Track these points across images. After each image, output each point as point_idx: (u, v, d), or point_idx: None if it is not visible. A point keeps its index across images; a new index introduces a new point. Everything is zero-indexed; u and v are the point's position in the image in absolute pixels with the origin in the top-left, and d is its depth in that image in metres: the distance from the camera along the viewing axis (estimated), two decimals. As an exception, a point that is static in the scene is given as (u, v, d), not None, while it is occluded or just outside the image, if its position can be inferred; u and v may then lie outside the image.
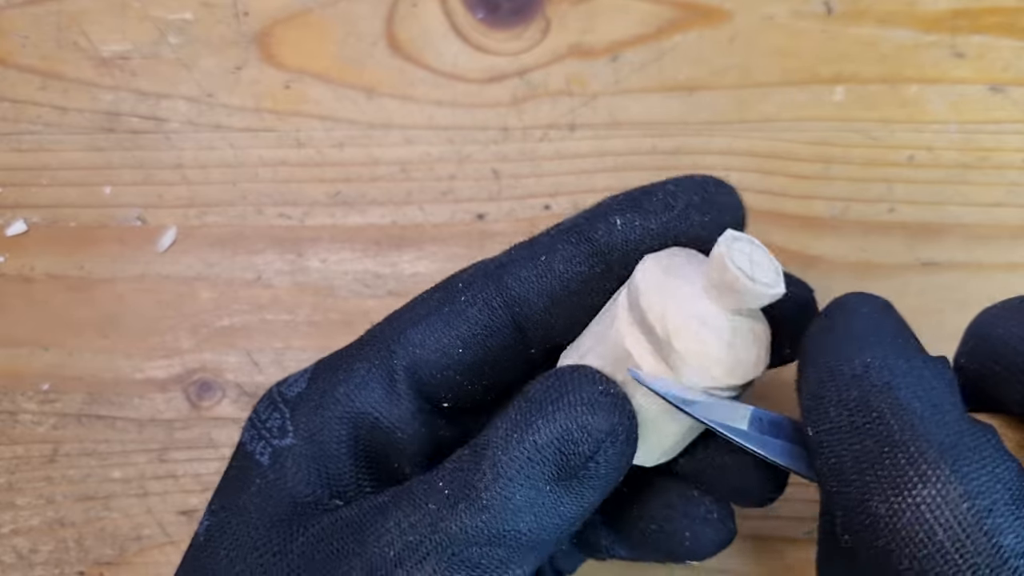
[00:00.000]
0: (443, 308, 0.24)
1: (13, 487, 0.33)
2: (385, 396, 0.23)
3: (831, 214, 0.32)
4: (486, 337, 0.23)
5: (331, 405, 0.23)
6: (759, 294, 0.20)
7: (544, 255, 0.23)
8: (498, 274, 0.23)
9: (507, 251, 0.24)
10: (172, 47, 0.33)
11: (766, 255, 0.21)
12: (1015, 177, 0.31)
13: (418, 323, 0.23)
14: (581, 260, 0.23)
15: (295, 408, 0.23)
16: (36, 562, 0.33)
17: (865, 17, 0.31)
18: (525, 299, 0.23)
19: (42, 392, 0.34)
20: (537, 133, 0.32)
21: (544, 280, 0.23)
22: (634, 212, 0.23)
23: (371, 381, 0.23)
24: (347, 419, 0.23)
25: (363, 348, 0.24)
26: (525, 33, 0.32)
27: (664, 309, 0.21)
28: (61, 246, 0.34)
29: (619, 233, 0.23)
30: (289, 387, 0.24)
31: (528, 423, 0.20)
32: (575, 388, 0.20)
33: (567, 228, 0.24)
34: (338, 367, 0.24)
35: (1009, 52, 0.31)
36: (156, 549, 0.33)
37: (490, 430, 0.21)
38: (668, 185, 0.23)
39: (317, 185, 0.33)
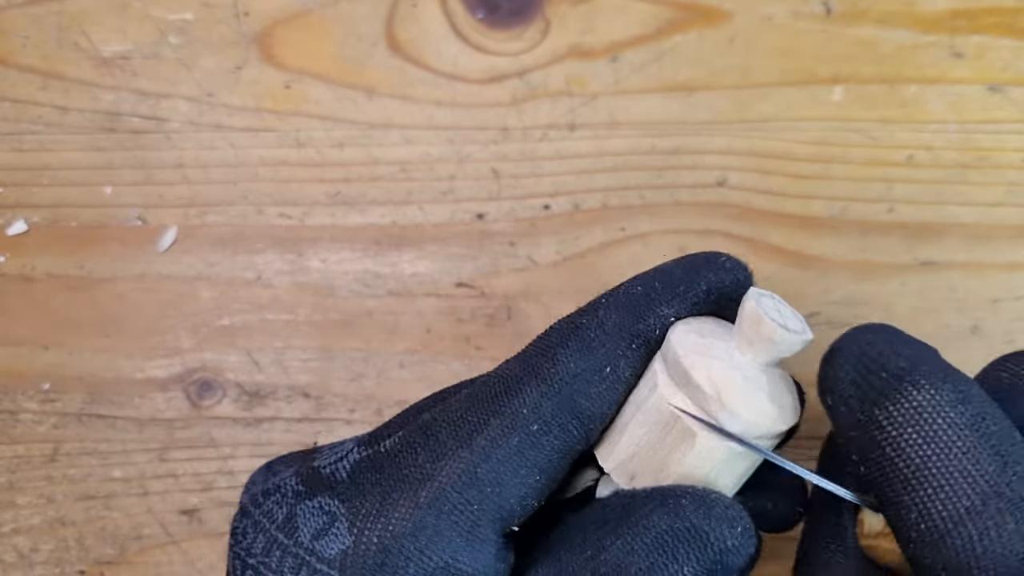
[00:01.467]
0: (511, 439, 0.22)
1: (14, 486, 0.34)
2: (467, 544, 0.21)
3: (830, 214, 0.32)
4: (563, 460, 0.23)
5: (401, 564, 0.21)
6: (793, 342, 0.22)
7: (608, 367, 0.23)
8: (567, 394, 0.22)
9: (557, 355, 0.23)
10: (173, 47, 0.33)
11: (788, 306, 0.23)
12: (1014, 177, 0.31)
13: (487, 458, 0.22)
14: (642, 362, 0.23)
15: (344, 568, 0.21)
16: (37, 561, 0.33)
17: (864, 17, 0.31)
18: (598, 414, 0.23)
19: (43, 391, 0.34)
20: (537, 133, 0.32)
21: (614, 391, 0.23)
22: (683, 305, 0.23)
23: (446, 530, 0.21)
24: (422, 575, 0.21)
25: (419, 488, 0.21)
26: (525, 33, 0.32)
27: (709, 367, 0.22)
28: (62, 246, 0.34)
29: (670, 325, 0.23)
30: (316, 540, 0.21)
31: (675, 571, 0.20)
32: (722, 535, 0.21)
33: (621, 328, 0.23)
34: (390, 513, 0.21)
35: (1008, 52, 0.31)
36: (157, 548, 0.33)
37: (623, 565, 0.20)
38: (708, 274, 0.23)
39: (317, 185, 0.33)
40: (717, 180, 0.32)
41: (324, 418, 0.33)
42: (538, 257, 0.33)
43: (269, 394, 0.33)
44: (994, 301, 0.31)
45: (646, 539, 0.21)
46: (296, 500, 0.22)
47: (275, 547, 0.22)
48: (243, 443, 0.33)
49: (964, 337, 0.31)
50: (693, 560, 0.20)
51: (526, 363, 0.23)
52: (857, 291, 0.32)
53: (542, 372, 0.22)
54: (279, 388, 0.33)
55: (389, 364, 0.33)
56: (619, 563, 0.21)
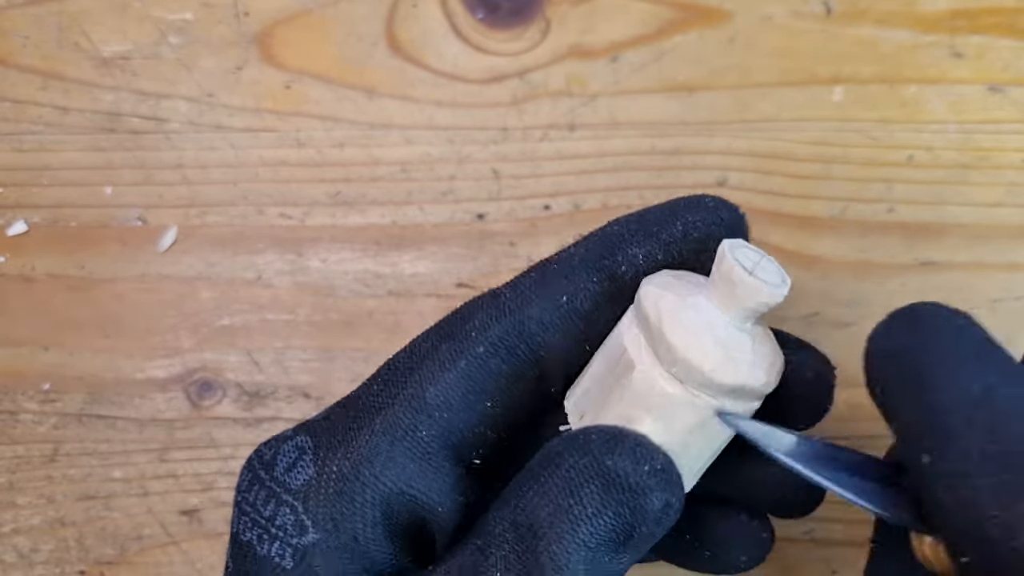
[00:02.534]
0: (458, 362, 0.22)
1: (14, 486, 0.34)
2: (419, 470, 0.21)
3: (830, 214, 0.32)
4: (511, 386, 0.22)
5: (357, 490, 0.21)
6: (756, 289, 0.20)
7: (566, 295, 0.22)
8: (518, 318, 0.22)
9: (513, 285, 0.23)
10: (173, 47, 0.33)
11: (773, 264, 0.21)
12: (1014, 177, 0.31)
13: (435, 381, 0.22)
14: (606, 298, 0.22)
15: (307, 499, 0.21)
16: (37, 561, 0.33)
17: (864, 17, 0.31)
18: (550, 342, 0.22)
19: (43, 392, 0.34)
20: (537, 133, 0.32)
21: (569, 321, 0.22)
22: (654, 244, 0.22)
23: (399, 456, 0.21)
24: (378, 501, 0.21)
25: (375, 417, 0.22)
26: (525, 33, 0.32)
27: (659, 299, 0.21)
28: (62, 246, 0.34)
29: (642, 266, 0.22)
30: (288, 472, 0.22)
31: (580, 512, 0.19)
32: (628, 472, 0.19)
33: (586, 262, 0.22)
34: (349, 443, 0.21)
35: (1008, 52, 0.31)
36: (157, 549, 0.33)
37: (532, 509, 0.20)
38: (685, 214, 0.22)
39: (317, 185, 0.33)
40: (717, 180, 0.32)
41: (324, 418, 0.33)
42: (538, 257, 0.32)
43: (269, 394, 0.33)
44: (994, 301, 0.32)
45: (555, 480, 0.20)
46: (281, 441, 0.23)
47: (256, 483, 0.22)
48: (243, 443, 0.33)
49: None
50: (597, 499, 0.19)
51: (490, 293, 0.23)
52: (857, 291, 0.32)
53: (497, 298, 0.22)
54: (279, 388, 0.33)
55: (389, 364, 0.33)
56: (532, 508, 0.20)
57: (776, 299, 0.21)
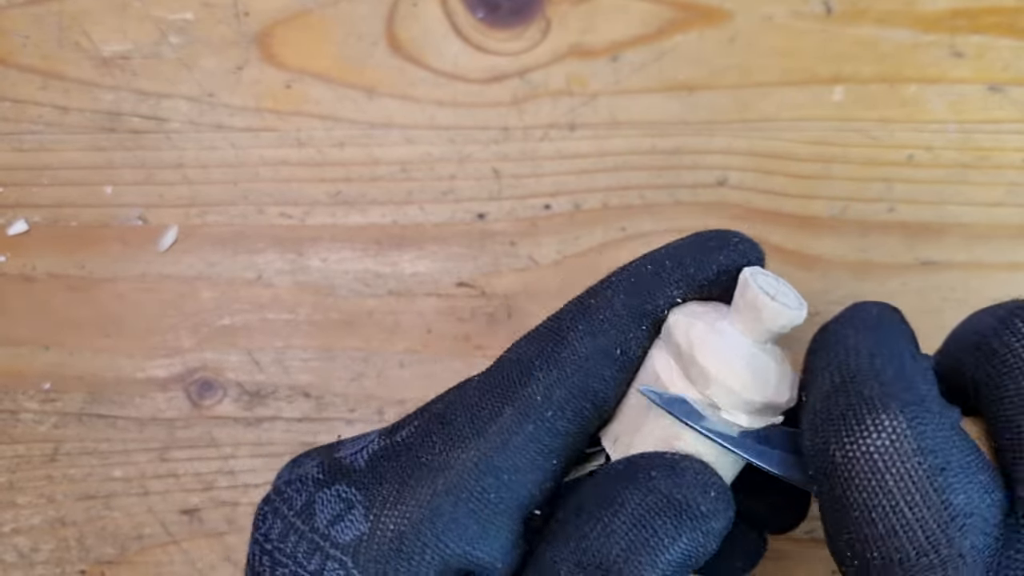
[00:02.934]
0: (526, 425, 0.22)
1: (14, 486, 0.34)
2: (484, 532, 0.21)
3: (830, 214, 0.32)
4: (577, 444, 0.22)
5: (417, 550, 0.21)
6: (779, 313, 0.21)
7: (619, 348, 0.22)
8: (582, 379, 0.22)
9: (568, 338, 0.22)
10: (173, 47, 0.33)
11: (790, 288, 0.22)
12: (1014, 177, 0.31)
13: (503, 446, 0.21)
14: (650, 341, 0.23)
15: (357, 554, 0.21)
16: (37, 561, 0.33)
17: (864, 17, 0.31)
18: (611, 396, 0.22)
19: (43, 391, 0.34)
20: (537, 133, 0.32)
21: (623, 373, 0.23)
22: (691, 286, 0.23)
23: (462, 517, 0.21)
24: (436, 562, 0.21)
25: (437, 476, 0.21)
26: (525, 33, 0.32)
27: (689, 326, 0.22)
28: (62, 246, 0.34)
29: (679, 306, 0.23)
30: (332, 526, 0.21)
31: (656, 545, 0.20)
32: (695, 501, 0.20)
33: (631, 309, 0.23)
34: (407, 500, 0.21)
35: (1008, 52, 0.31)
36: (157, 548, 0.33)
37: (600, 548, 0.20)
38: (718, 256, 0.23)
39: (318, 185, 0.33)
40: (717, 180, 0.32)
41: (324, 418, 0.33)
42: (539, 257, 0.33)
43: (270, 394, 0.33)
44: (995, 301, 0.31)
45: (622, 518, 0.20)
46: (315, 488, 0.22)
47: (291, 532, 0.21)
48: (244, 443, 0.33)
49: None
50: (672, 530, 0.20)
51: (537, 346, 0.23)
52: (857, 291, 0.32)
53: (553, 356, 0.22)
54: (280, 388, 0.33)
55: (389, 364, 0.33)
56: (600, 548, 0.20)
57: (797, 321, 0.22)
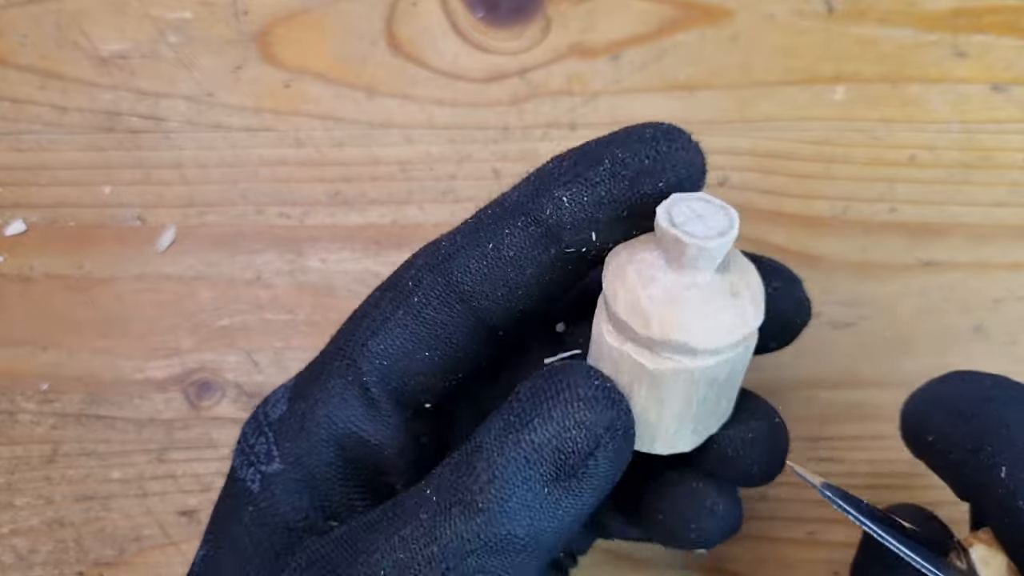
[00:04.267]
0: (397, 312, 0.22)
1: (12, 487, 0.33)
2: (365, 413, 0.22)
3: (832, 213, 0.32)
4: (448, 335, 0.22)
5: (314, 428, 0.22)
6: (708, 248, 0.19)
7: (491, 242, 0.22)
8: (446, 267, 0.22)
9: (450, 235, 0.23)
10: (172, 46, 0.33)
11: (717, 207, 0.20)
12: (1016, 177, 0.31)
13: (376, 332, 0.22)
14: (531, 243, 0.22)
15: (279, 431, 0.23)
16: (35, 562, 0.33)
17: (866, 16, 0.31)
18: (479, 291, 0.22)
19: (41, 392, 0.34)
20: (537, 132, 0.32)
21: (495, 269, 0.22)
22: (580, 186, 0.21)
23: (348, 399, 0.22)
24: (332, 440, 0.22)
25: (331, 363, 0.23)
26: (525, 32, 0.32)
27: (627, 302, 0.20)
28: (60, 246, 0.34)
29: (567, 210, 0.21)
30: (272, 408, 0.23)
31: (523, 423, 0.19)
32: (570, 384, 0.20)
33: (511, 208, 0.22)
34: (311, 386, 0.23)
35: (1011, 51, 0.31)
36: (156, 549, 0.33)
37: (481, 432, 0.20)
38: (615, 149, 0.22)
39: (317, 185, 0.33)
40: (719, 180, 0.32)
41: (324, 419, 0.33)
42: (539, 257, 0.33)
43: (269, 395, 0.33)
44: (996, 301, 0.31)
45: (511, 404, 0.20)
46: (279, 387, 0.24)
47: (254, 419, 0.23)
48: (242, 444, 0.33)
49: (966, 337, 0.31)
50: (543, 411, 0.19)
51: (432, 242, 0.23)
52: (859, 291, 0.32)
53: (434, 246, 0.23)
54: (279, 388, 0.33)
55: (389, 364, 0.33)
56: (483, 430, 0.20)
57: (724, 247, 0.20)
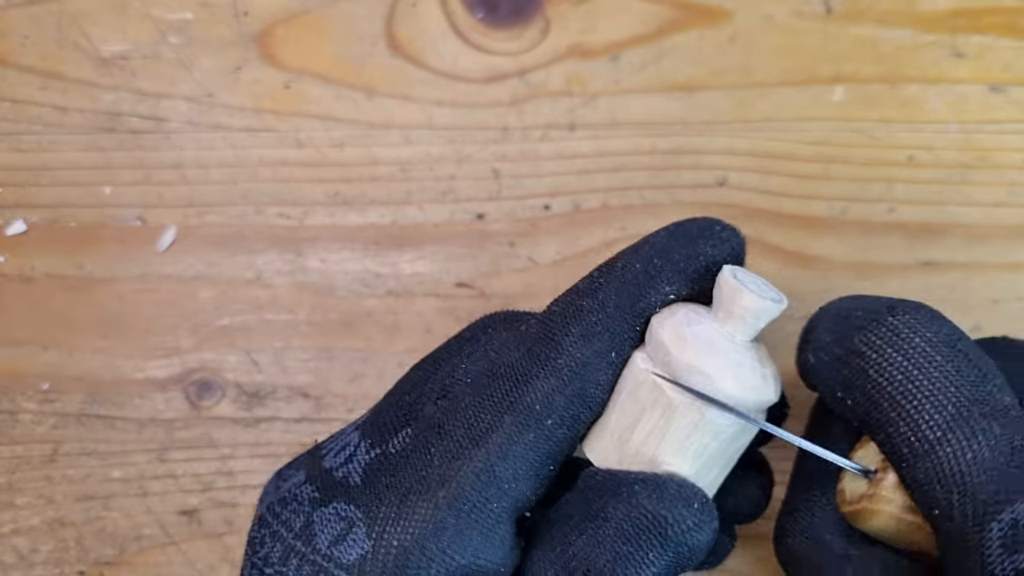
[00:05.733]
0: (526, 434, 0.22)
1: (13, 487, 0.33)
2: (488, 541, 0.22)
3: (831, 214, 0.32)
4: (572, 446, 0.23)
5: (423, 565, 0.21)
6: (758, 306, 0.22)
7: (613, 351, 0.22)
8: (579, 386, 0.22)
9: (565, 343, 0.22)
10: (172, 47, 0.33)
11: (769, 284, 0.23)
12: (1015, 177, 0.31)
13: (504, 456, 0.22)
14: (640, 338, 0.23)
15: (363, 573, 0.21)
16: (36, 562, 0.33)
17: (865, 17, 0.31)
18: (605, 400, 0.23)
19: (42, 392, 0.34)
20: (537, 133, 0.32)
21: (616, 371, 0.23)
22: (682, 282, 0.23)
23: (466, 529, 0.21)
24: (445, 574, 0.21)
25: (438, 489, 0.21)
26: (525, 33, 0.32)
27: (672, 327, 0.22)
28: (61, 246, 0.34)
29: (670, 303, 0.23)
30: (335, 546, 0.21)
31: (641, 559, 0.20)
32: (679, 517, 0.21)
33: (622, 310, 0.23)
34: (410, 515, 0.21)
35: (1009, 52, 0.31)
36: (156, 549, 0.33)
37: (587, 557, 0.21)
38: (704, 247, 0.23)
39: (317, 185, 0.33)
40: (717, 180, 0.32)
41: (324, 418, 0.33)
42: (538, 257, 0.33)
43: (269, 394, 0.33)
44: (995, 301, 0.31)
45: (607, 531, 0.21)
46: (312, 507, 0.22)
47: (292, 555, 0.21)
48: (242, 443, 0.33)
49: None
50: (656, 545, 0.21)
51: (531, 352, 0.23)
52: (858, 291, 0.31)
53: (550, 363, 0.22)
54: (279, 388, 0.33)
55: (389, 364, 0.33)
56: (586, 557, 0.21)
57: (775, 313, 0.22)
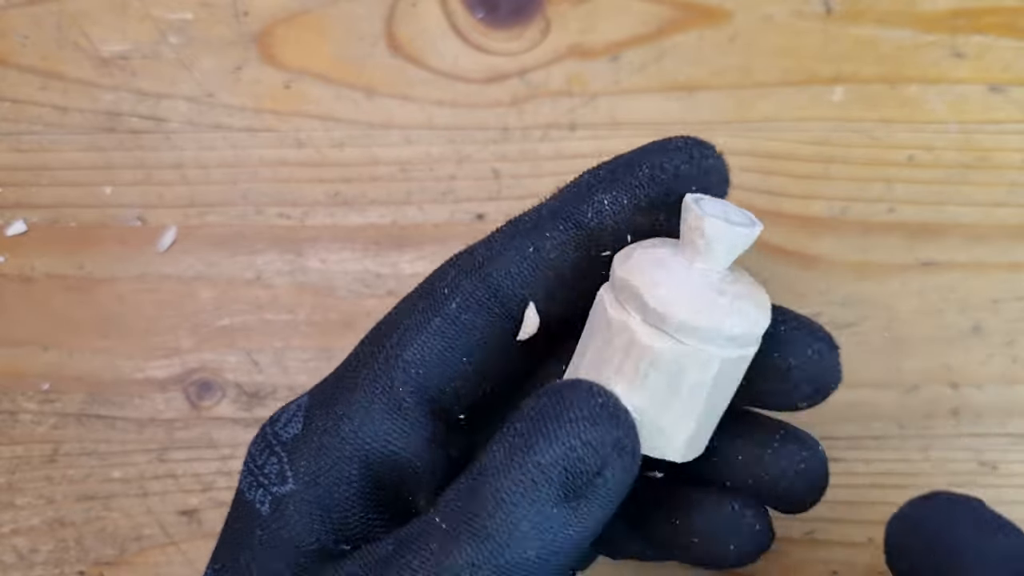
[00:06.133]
0: (433, 319, 0.22)
1: (13, 487, 0.33)
2: (396, 427, 0.22)
3: (831, 214, 0.32)
4: (486, 339, 0.22)
5: (336, 445, 0.21)
6: (723, 231, 0.20)
7: (532, 245, 0.22)
8: (485, 272, 0.22)
9: (484, 242, 0.23)
10: (172, 47, 0.33)
11: (739, 209, 0.21)
12: (1015, 177, 0.31)
13: (411, 341, 0.22)
14: (573, 246, 0.22)
15: (293, 451, 0.22)
16: (36, 562, 0.33)
17: (865, 17, 0.31)
18: (519, 294, 0.22)
19: (42, 392, 0.34)
20: (537, 133, 0.32)
21: (536, 270, 0.22)
22: (620, 190, 0.22)
23: (377, 412, 0.21)
24: (356, 458, 0.21)
25: (357, 376, 0.22)
26: (525, 33, 0.32)
27: (629, 259, 0.21)
28: (61, 246, 0.34)
29: (608, 213, 0.22)
30: (284, 427, 0.22)
31: (529, 444, 0.19)
32: (574, 403, 0.19)
33: (552, 212, 0.22)
34: (334, 401, 0.22)
35: (1009, 52, 0.31)
36: (156, 549, 0.33)
37: (486, 455, 0.19)
38: (653, 155, 0.22)
39: (317, 185, 0.33)
40: (717, 180, 0.32)
41: (324, 418, 0.33)
42: (538, 257, 0.33)
43: (269, 394, 0.33)
44: (995, 301, 0.31)
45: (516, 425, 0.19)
46: (291, 406, 0.23)
47: (261, 439, 0.23)
48: (243, 443, 0.33)
49: (965, 337, 0.31)
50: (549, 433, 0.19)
51: (465, 249, 0.23)
52: (858, 291, 0.32)
53: (470, 252, 0.23)
54: (279, 388, 0.33)
55: (389, 364, 0.33)
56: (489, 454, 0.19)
57: (747, 240, 0.21)
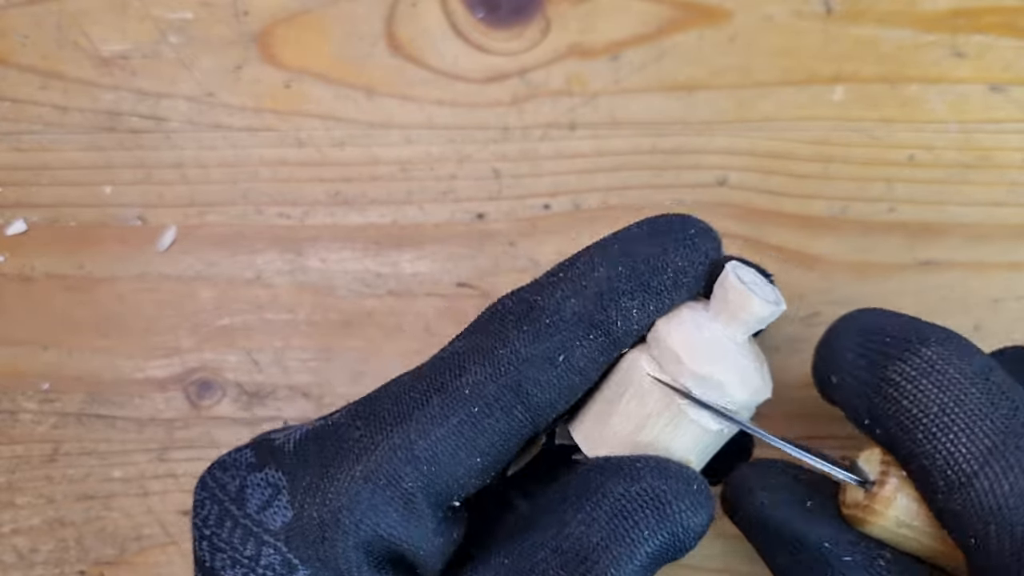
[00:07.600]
0: (450, 419, 0.22)
1: (13, 486, 0.33)
2: (402, 518, 0.21)
3: (831, 214, 0.32)
4: (504, 443, 0.22)
5: (339, 537, 0.21)
6: (759, 307, 0.22)
7: (562, 355, 0.22)
8: (515, 379, 0.22)
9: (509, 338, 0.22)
10: (172, 46, 0.33)
11: (768, 283, 0.23)
12: (1015, 176, 0.31)
13: (425, 435, 0.21)
14: (600, 353, 0.22)
15: (289, 540, 0.21)
16: (36, 561, 0.33)
17: (865, 17, 0.31)
18: (546, 399, 0.22)
19: (42, 391, 0.34)
20: (537, 133, 0.32)
21: (564, 380, 0.22)
22: (647, 296, 0.22)
23: (380, 504, 0.21)
24: (360, 546, 0.21)
25: (355, 462, 0.21)
26: (525, 33, 0.32)
27: (676, 329, 0.22)
28: (61, 246, 0.34)
29: (635, 320, 0.23)
30: (262, 512, 0.22)
31: (636, 536, 0.20)
32: (678, 495, 0.20)
33: (580, 317, 0.22)
34: (328, 487, 0.21)
35: (1009, 52, 0.31)
36: (156, 549, 0.33)
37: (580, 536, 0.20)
38: (673, 258, 0.23)
39: (317, 185, 0.33)
40: (718, 180, 0.32)
41: (324, 418, 0.33)
42: (538, 257, 0.33)
43: (269, 394, 0.33)
44: (995, 301, 0.31)
45: (604, 508, 0.21)
46: (247, 472, 0.22)
47: (227, 518, 0.22)
48: (243, 443, 0.33)
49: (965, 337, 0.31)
50: (653, 523, 0.20)
51: (475, 341, 0.23)
52: (858, 291, 0.32)
53: (490, 353, 0.22)
54: (279, 388, 0.33)
55: (389, 364, 0.33)
56: (580, 536, 0.20)
57: (775, 315, 0.22)
